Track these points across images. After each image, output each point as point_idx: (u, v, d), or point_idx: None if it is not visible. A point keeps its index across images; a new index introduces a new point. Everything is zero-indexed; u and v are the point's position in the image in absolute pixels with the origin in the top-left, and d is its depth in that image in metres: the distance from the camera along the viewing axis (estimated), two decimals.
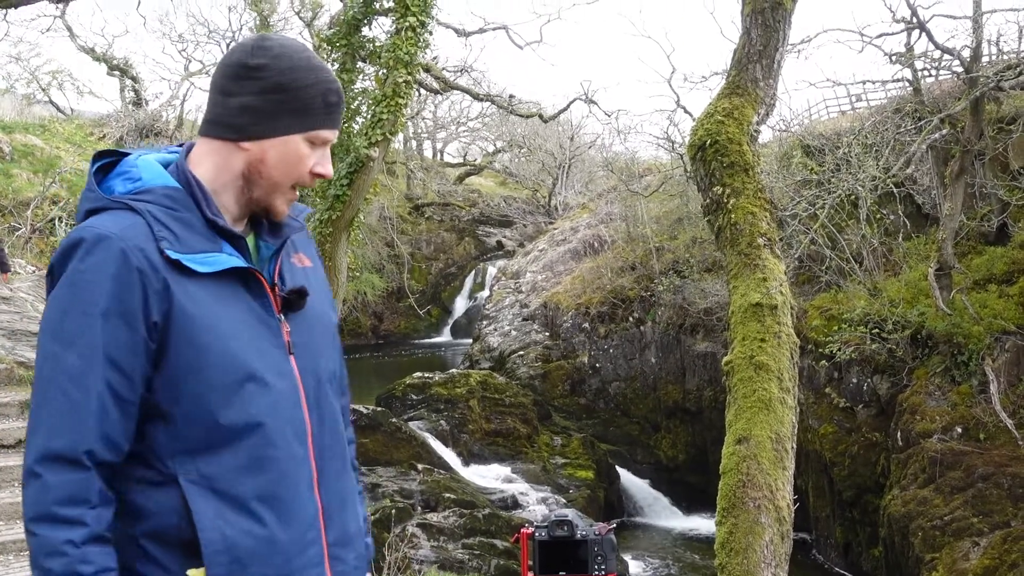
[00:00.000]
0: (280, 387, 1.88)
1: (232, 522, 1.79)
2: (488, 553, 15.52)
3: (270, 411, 1.85)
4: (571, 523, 3.34)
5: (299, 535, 1.87)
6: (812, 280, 19.59)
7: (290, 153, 1.90)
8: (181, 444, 1.78)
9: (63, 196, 21.25)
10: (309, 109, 1.89)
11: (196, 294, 1.81)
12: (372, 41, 15.74)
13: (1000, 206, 16.89)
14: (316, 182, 1.96)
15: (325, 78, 1.92)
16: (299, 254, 2.09)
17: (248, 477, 1.81)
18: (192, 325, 1.79)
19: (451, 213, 40.58)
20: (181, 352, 1.79)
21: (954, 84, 17.80)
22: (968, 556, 12.92)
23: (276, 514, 1.84)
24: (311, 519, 1.90)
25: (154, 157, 1.99)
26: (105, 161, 1.97)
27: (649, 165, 31.46)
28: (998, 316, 14.91)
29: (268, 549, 1.81)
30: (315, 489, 1.92)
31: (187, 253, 1.81)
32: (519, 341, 26.05)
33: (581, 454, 21.13)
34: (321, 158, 1.94)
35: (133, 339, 1.76)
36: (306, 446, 1.91)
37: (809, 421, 17.36)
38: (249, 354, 1.84)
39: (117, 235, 1.78)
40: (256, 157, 1.91)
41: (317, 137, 1.92)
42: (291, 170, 1.92)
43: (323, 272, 2.18)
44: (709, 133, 6.92)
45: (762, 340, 6.29)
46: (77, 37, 31.96)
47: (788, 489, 6.03)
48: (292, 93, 1.88)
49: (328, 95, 1.91)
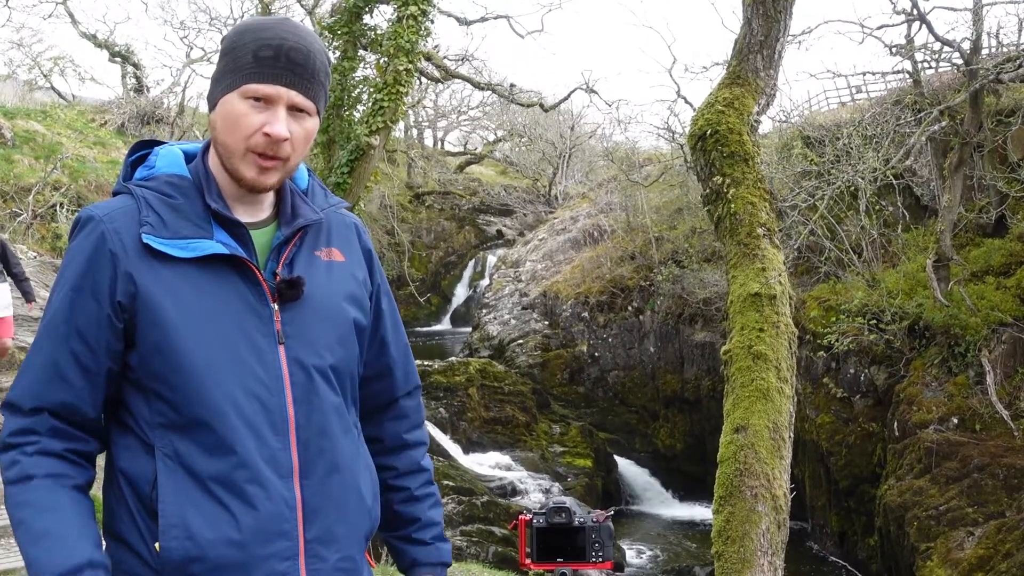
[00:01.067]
0: (257, 375, 1.87)
1: (192, 499, 1.81)
2: (486, 540, 15.60)
3: (237, 397, 1.85)
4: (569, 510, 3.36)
5: (266, 525, 1.85)
6: (811, 271, 19.63)
7: (228, 113, 1.89)
8: (160, 419, 1.83)
9: (64, 182, 21.22)
10: (240, 66, 1.88)
11: (169, 279, 1.84)
12: (373, 29, 15.72)
13: (998, 198, 16.91)
14: (286, 147, 1.88)
15: (264, 35, 1.87)
16: (331, 248, 2.07)
17: (212, 459, 1.83)
18: (157, 308, 1.83)
19: (452, 202, 40.54)
20: (147, 333, 1.84)
21: (954, 76, 17.81)
22: (963, 546, 13.00)
23: (238, 500, 1.83)
24: (283, 511, 1.87)
25: (183, 148, 2.04)
26: (146, 151, 2.04)
27: (649, 155, 31.45)
28: (995, 308, 14.96)
29: (224, 533, 1.81)
30: (295, 481, 1.90)
31: (169, 238, 1.85)
32: (518, 330, 26.09)
33: (579, 442, 21.20)
34: (271, 118, 1.86)
35: (99, 315, 1.84)
36: (286, 436, 1.89)
37: (807, 411, 17.42)
38: (220, 340, 1.85)
39: (101, 217, 1.87)
40: (212, 124, 1.94)
41: (250, 91, 1.86)
42: (234, 131, 1.88)
43: (364, 269, 2.13)
44: (709, 123, 6.94)
45: (760, 330, 6.33)
46: (79, 23, 31.87)
47: (785, 478, 6.07)
48: (231, 54, 1.90)
49: (260, 49, 1.86)
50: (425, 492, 2.25)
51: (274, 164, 1.90)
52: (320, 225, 2.07)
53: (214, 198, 1.92)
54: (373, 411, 2.20)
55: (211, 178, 1.95)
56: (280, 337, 1.91)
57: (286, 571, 1.88)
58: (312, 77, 1.91)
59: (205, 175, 1.95)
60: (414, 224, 37.67)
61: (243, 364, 1.87)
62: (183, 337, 1.83)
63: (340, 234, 2.13)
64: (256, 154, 1.89)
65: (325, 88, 1.97)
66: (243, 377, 1.86)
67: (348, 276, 2.09)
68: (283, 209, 2.03)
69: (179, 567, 1.81)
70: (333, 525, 1.96)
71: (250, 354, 1.88)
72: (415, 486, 2.24)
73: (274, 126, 1.86)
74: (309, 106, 1.92)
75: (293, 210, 2.03)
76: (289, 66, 1.87)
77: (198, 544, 1.80)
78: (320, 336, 1.97)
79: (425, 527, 2.23)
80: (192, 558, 1.80)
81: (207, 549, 1.81)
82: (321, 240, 2.07)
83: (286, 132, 1.87)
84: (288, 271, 1.96)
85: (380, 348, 2.20)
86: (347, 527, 1.99)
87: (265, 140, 1.87)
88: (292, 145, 1.91)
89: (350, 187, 14.95)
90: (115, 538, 1.89)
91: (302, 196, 2.08)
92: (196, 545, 1.80)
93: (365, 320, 2.11)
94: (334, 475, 1.97)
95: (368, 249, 2.19)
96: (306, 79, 1.90)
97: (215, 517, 1.82)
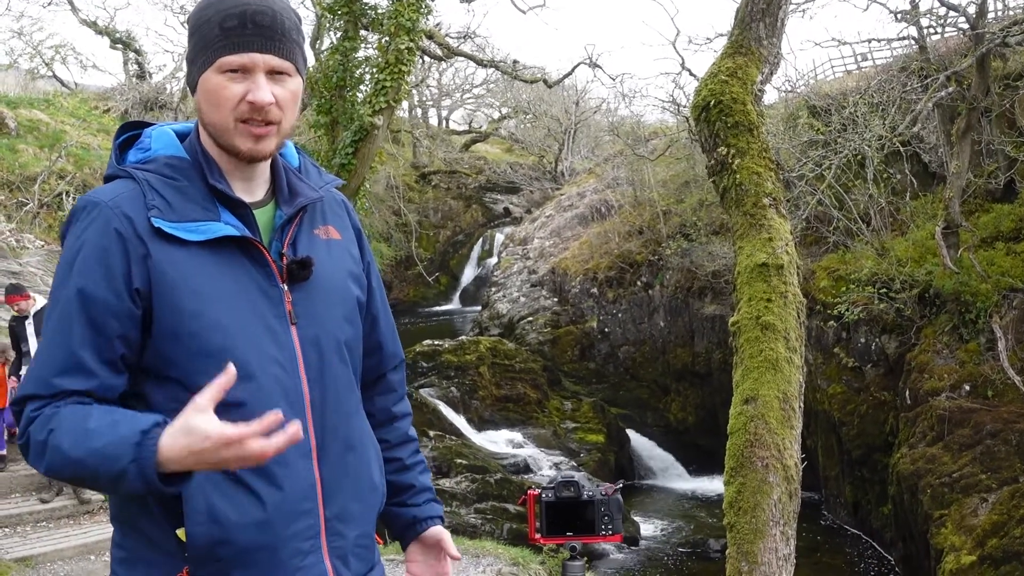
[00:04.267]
0: (272, 355, 1.86)
1: (216, 484, 1.79)
2: (500, 517, 15.65)
3: (255, 378, 1.84)
4: (577, 484, 3.37)
5: (290, 505, 1.85)
6: (819, 241, 19.56)
7: (209, 91, 1.87)
8: (176, 405, 1.76)
9: (69, 170, 21.26)
10: (209, 41, 1.86)
11: (182, 262, 1.82)
12: (374, 8, 15.68)
13: (1007, 163, 16.81)
14: (275, 111, 1.86)
15: (225, 5, 1.85)
16: (327, 226, 2.07)
17: None
18: (174, 292, 1.80)
19: (458, 181, 40.49)
20: (165, 318, 1.80)
21: (960, 41, 17.68)
22: (976, 512, 12.99)
23: (263, 482, 1.82)
24: (305, 490, 1.88)
25: (172, 128, 2.02)
26: (134, 133, 2.01)
27: (655, 129, 31.34)
28: (1006, 274, 14.90)
29: (251, 515, 1.81)
30: (313, 461, 1.91)
31: (178, 221, 1.83)
32: (528, 307, 26.10)
33: (591, 418, 21.23)
34: (252, 85, 1.84)
35: (118, 305, 1.79)
36: (304, 416, 1.89)
37: (818, 381, 17.40)
38: (236, 322, 1.84)
39: (107, 202, 1.83)
40: (197, 106, 1.92)
41: (224, 64, 1.84)
42: (218, 107, 1.86)
43: (356, 247, 2.15)
44: (713, 93, 6.89)
45: (768, 300, 6.30)
46: (79, 11, 31.87)
47: (796, 448, 6.05)
48: (198, 32, 1.88)
49: (225, 20, 1.84)
50: (415, 460, 2.30)
51: (267, 131, 1.89)
52: (315, 203, 2.06)
53: (217, 179, 1.90)
54: (364, 387, 2.19)
55: (210, 158, 1.93)
56: (292, 318, 1.91)
57: (310, 550, 1.89)
58: (283, 37, 1.88)
59: (204, 155, 1.93)
60: (421, 204, 37.64)
61: (259, 346, 1.86)
62: (200, 321, 1.81)
63: (333, 212, 2.13)
64: (245, 124, 1.87)
65: (300, 46, 1.95)
66: (260, 359, 1.85)
67: (346, 254, 2.10)
68: (279, 187, 2.02)
69: (207, 551, 1.79)
70: (349, 503, 1.98)
71: (265, 335, 1.87)
72: (406, 456, 2.28)
73: (256, 93, 1.84)
74: (287, 66, 1.89)
75: (290, 188, 2.02)
76: (257, 31, 1.85)
77: (224, 528, 1.79)
78: (329, 315, 1.98)
79: (419, 492, 2.27)
80: (219, 541, 1.79)
81: (233, 532, 1.80)
82: (318, 219, 2.07)
83: (269, 97, 1.85)
84: (292, 251, 1.96)
85: (372, 325, 2.20)
86: (362, 504, 2.02)
87: (250, 108, 1.85)
88: (280, 108, 1.89)
89: (355, 168, 14.95)
90: (128, 526, 1.87)
91: (296, 174, 2.07)
92: (222, 528, 1.79)
93: (364, 298, 2.13)
94: (349, 453, 2.00)
95: (357, 227, 2.20)
96: (277, 40, 1.87)
97: (240, 499, 1.81)
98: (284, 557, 1.85)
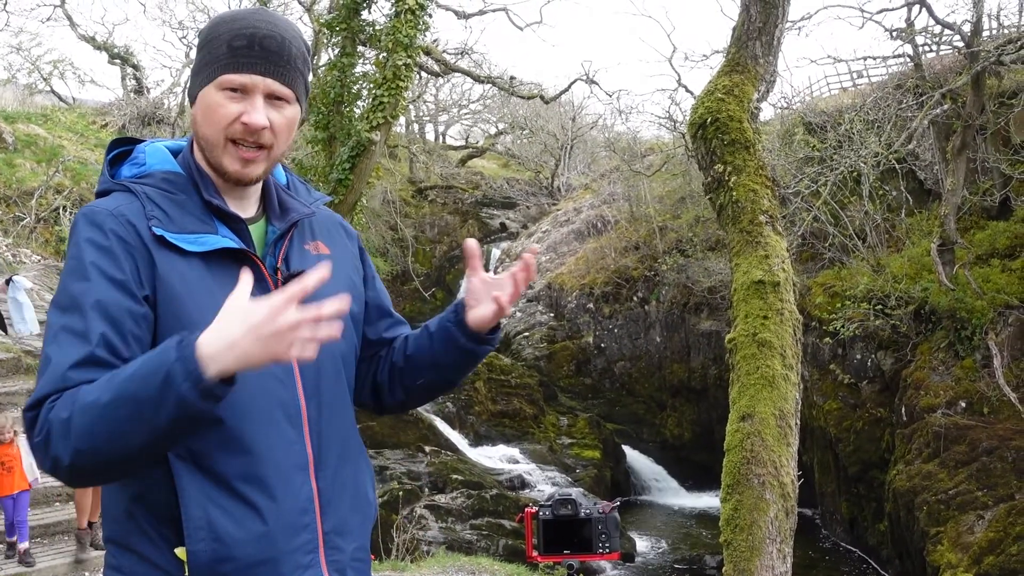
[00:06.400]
0: (269, 369, 1.78)
1: (215, 500, 1.78)
2: (496, 533, 15.61)
3: (252, 391, 1.82)
4: (575, 502, 3.37)
5: (289, 519, 1.84)
6: (815, 257, 19.60)
7: (207, 106, 1.88)
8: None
9: (67, 185, 21.24)
10: (215, 58, 1.87)
11: (184, 272, 1.82)
12: (372, 24, 15.74)
13: (1002, 180, 16.88)
14: (267, 136, 1.87)
15: (237, 25, 1.87)
16: (316, 242, 2.08)
17: (231, 456, 1.80)
18: (177, 301, 1.80)
19: (454, 196, 40.48)
20: (167, 326, 1.79)
21: (955, 59, 17.75)
22: (973, 529, 12.98)
23: (263, 496, 1.81)
24: (303, 504, 1.87)
25: (165, 144, 2.04)
26: (124, 148, 2.02)
27: (651, 145, 31.38)
28: (1001, 291, 14.93)
29: (252, 529, 1.79)
30: (311, 474, 1.90)
31: (176, 232, 1.84)
32: (524, 322, 26.10)
33: (587, 434, 21.21)
34: (248, 107, 1.86)
35: (133, 308, 1.77)
36: (300, 430, 1.89)
37: (814, 397, 17.41)
38: None
39: (110, 211, 1.83)
40: (193, 119, 1.94)
41: (225, 82, 1.85)
42: (213, 122, 1.88)
43: (348, 262, 2.15)
44: (709, 111, 6.92)
45: (765, 317, 6.31)
46: (77, 26, 31.94)
47: (792, 465, 6.06)
48: (206, 47, 1.89)
49: (234, 39, 1.86)
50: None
51: (256, 155, 1.90)
52: (304, 220, 2.08)
53: (212, 194, 1.91)
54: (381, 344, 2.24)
55: (205, 174, 1.94)
56: None
57: (309, 564, 1.88)
58: (288, 64, 1.89)
59: (198, 171, 1.94)
60: (417, 219, 37.62)
61: None
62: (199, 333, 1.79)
63: (322, 227, 2.14)
64: (236, 145, 1.88)
65: (304, 75, 1.96)
66: (257, 373, 1.80)
67: (338, 269, 2.06)
68: (270, 204, 2.03)
69: (209, 569, 1.77)
70: (347, 516, 1.98)
71: None
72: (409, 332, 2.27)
73: (251, 115, 1.85)
74: (287, 93, 1.90)
75: (281, 205, 2.04)
76: (263, 54, 1.87)
77: (226, 544, 1.78)
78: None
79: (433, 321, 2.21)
80: (221, 558, 1.78)
81: (235, 548, 1.78)
82: (307, 234, 2.08)
83: (264, 120, 1.86)
84: (286, 266, 1.96)
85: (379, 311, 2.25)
86: (358, 517, 2.02)
87: (243, 129, 1.86)
88: (274, 134, 1.89)
89: (352, 183, 14.97)
90: (122, 547, 1.85)
91: (285, 191, 2.09)
92: (224, 545, 1.78)
93: (359, 310, 2.14)
94: (345, 466, 1.99)
95: (359, 244, 2.25)
96: (282, 66, 1.88)
97: (240, 515, 1.79)
98: (285, 571, 1.84)
